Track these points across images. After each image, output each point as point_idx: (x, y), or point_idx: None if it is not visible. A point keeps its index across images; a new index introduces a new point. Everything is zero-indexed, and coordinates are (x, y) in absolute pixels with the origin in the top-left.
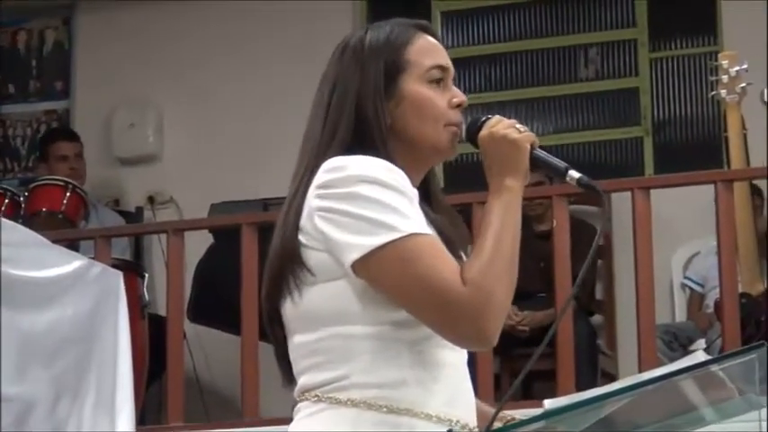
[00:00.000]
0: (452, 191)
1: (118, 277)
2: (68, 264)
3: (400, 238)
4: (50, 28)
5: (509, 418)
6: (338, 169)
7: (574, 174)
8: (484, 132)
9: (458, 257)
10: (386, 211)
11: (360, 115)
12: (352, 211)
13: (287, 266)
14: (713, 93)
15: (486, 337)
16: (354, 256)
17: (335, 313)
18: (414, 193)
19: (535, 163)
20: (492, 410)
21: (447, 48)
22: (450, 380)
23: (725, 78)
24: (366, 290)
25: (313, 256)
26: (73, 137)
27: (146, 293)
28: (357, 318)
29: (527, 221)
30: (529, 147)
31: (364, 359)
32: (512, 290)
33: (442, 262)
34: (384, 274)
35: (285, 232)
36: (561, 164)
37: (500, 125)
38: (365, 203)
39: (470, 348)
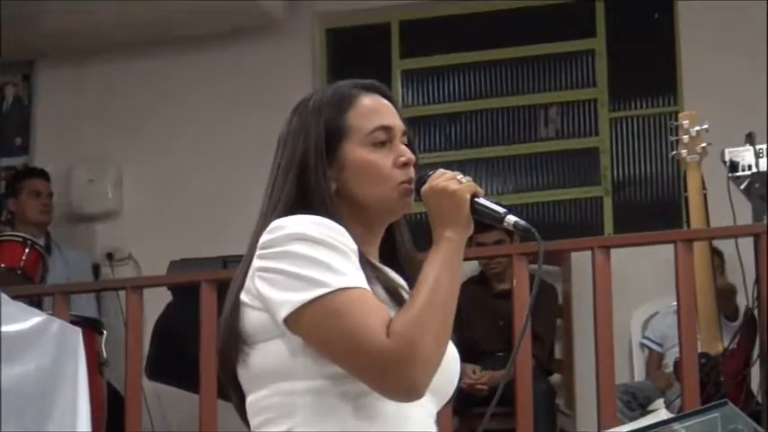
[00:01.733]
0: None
1: (77, 334)
2: (28, 320)
3: (329, 293)
4: (10, 84)
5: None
6: (276, 229)
7: (510, 218)
8: (425, 187)
9: None
10: (316, 268)
11: (303, 182)
12: (284, 269)
13: (232, 331)
14: (673, 153)
15: (412, 388)
16: (285, 312)
17: (278, 370)
18: (351, 249)
19: (475, 211)
20: None
21: (407, 106)
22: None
23: (685, 138)
24: (304, 346)
25: (255, 316)
26: (47, 177)
27: (104, 350)
28: (298, 373)
29: (487, 280)
30: (468, 197)
31: (305, 414)
32: (443, 341)
33: (369, 315)
34: (313, 328)
35: (232, 294)
36: (500, 210)
37: (441, 178)
38: (297, 261)
39: (399, 400)
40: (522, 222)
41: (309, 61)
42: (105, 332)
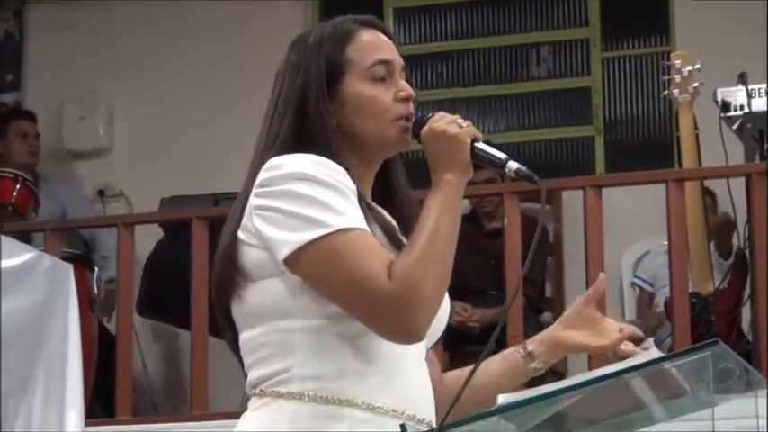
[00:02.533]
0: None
1: (68, 270)
2: (18, 256)
3: (330, 234)
4: (1, 20)
5: None
6: (275, 168)
7: (512, 165)
8: (425, 129)
9: None
10: (317, 208)
11: (303, 116)
12: (284, 208)
13: (230, 267)
14: (665, 92)
15: (413, 331)
16: (285, 252)
17: (275, 309)
18: (351, 189)
19: (476, 156)
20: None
21: (399, 45)
22: (394, 371)
23: (677, 78)
24: (303, 285)
25: (252, 254)
26: (33, 118)
27: (95, 287)
28: (296, 312)
29: (478, 219)
30: (469, 141)
31: (304, 352)
32: (444, 284)
33: (371, 257)
34: (313, 269)
35: (229, 231)
36: (501, 156)
37: (441, 121)
38: (297, 200)
39: (399, 342)
40: (525, 169)
41: (301, 3)
42: (96, 269)
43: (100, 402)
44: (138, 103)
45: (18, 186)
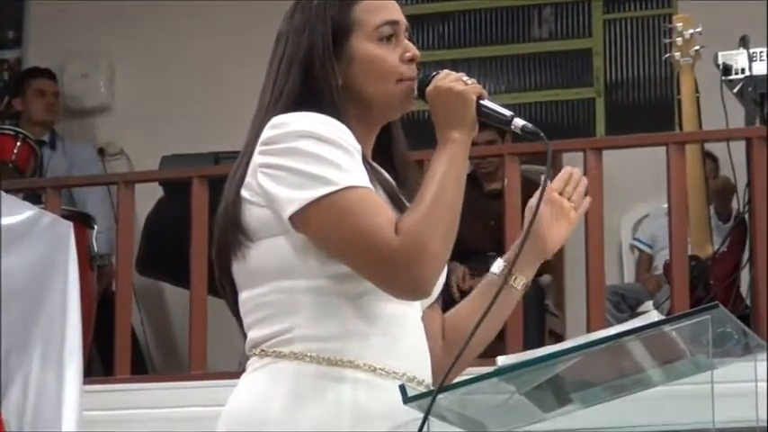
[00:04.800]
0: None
1: (68, 228)
2: (18, 214)
3: (336, 191)
4: None
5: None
6: (280, 125)
7: (518, 122)
8: (430, 87)
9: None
10: (323, 165)
11: (309, 75)
12: (290, 165)
13: (233, 225)
14: (667, 55)
15: (420, 287)
16: (291, 209)
17: (278, 268)
18: (356, 148)
19: (481, 113)
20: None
21: (400, 4)
22: (396, 333)
23: (679, 41)
24: (307, 244)
25: (256, 212)
26: (53, 76)
27: (94, 244)
28: (299, 272)
29: (477, 180)
30: (475, 98)
31: (307, 312)
32: (450, 240)
33: (377, 214)
34: (320, 227)
35: (231, 189)
36: (507, 113)
37: (446, 79)
38: (303, 158)
39: (406, 298)
40: (530, 125)
41: None
42: (96, 226)
43: (101, 361)
44: (140, 62)
45: (18, 144)
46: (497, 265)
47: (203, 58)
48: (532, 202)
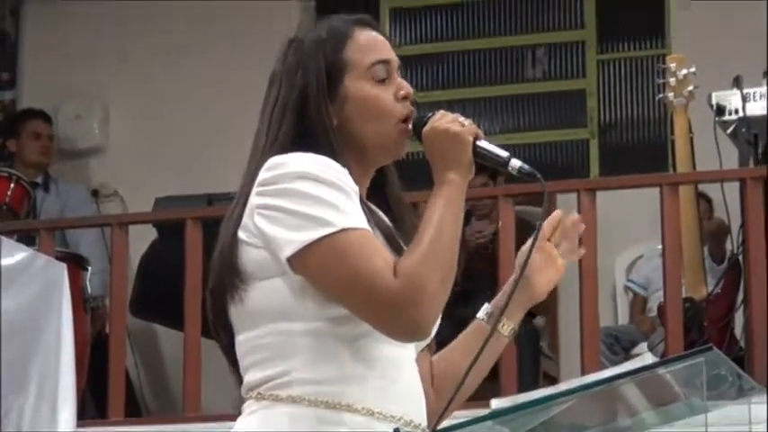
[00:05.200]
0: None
1: (62, 270)
2: (12, 255)
3: (334, 233)
4: None
5: None
6: (277, 167)
7: (515, 163)
8: (426, 128)
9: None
10: (321, 207)
11: (304, 116)
12: (287, 207)
13: (229, 266)
14: (660, 96)
15: (419, 329)
16: (289, 251)
17: (275, 310)
18: (353, 189)
19: (478, 154)
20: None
21: (395, 46)
22: (393, 376)
23: (672, 81)
24: (305, 286)
25: (253, 254)
26: (48, 119)
27: (88, 286)
28: (297, 314)
29: (472, 222)
30: (471, 139)
31: (304, 356)
32: (449, 282)
33: (375, 256)
34: (318, 268)
35: (228, 231)
36: (503, 154)
37: (443, 119)
38: (301, 199)
39: (405, 340)
40: (527, 167)
41: (296, 2)
42: (90, 268)
43: (94, 404)
44: (134, 103)
45: (12, 185)
46: (484, 310)
47: (197, 99)
48: (525, 248)
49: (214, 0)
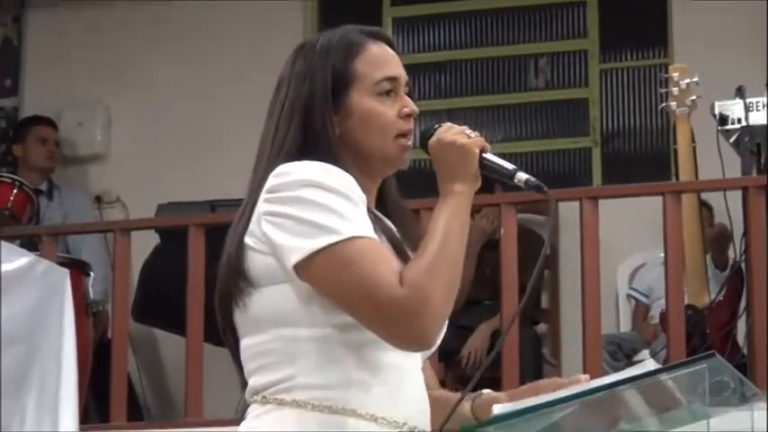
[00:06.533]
0: (402, 197)
1: (64, 275)
2: (14, 261)
3: (340, 241)
4: (0, 25)
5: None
6: (284, 174)
7: (521, 175)
8: (433, 139)
9: (407, 261)
10: (327, 215)
11: (308, 125)
12: (294, 214)
13: (235, 272)
14: (663, 105)
15: (423, 339)
16: (295, 258)
17: (281, 316)
18: (360, 197)
19: (484, 167)
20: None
21: (398, 50)
22: (397, 383)
23: (675, 90)
24: (311, 293)
25: (260, 260)
26: (53, 125)
27: (90, 292)
28: (302, 320)
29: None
30: (477, 151)
31: (309, 360)
32: (453, 293)
33: (381, 264)
34: (323, 276)
35: (235, 237)
36: (510, 166)
37: (449, 131)
38: (307, 207)
39: (408, 350)
40: (534, 179)
41: (300, 6)
42: (92, 274)
43: (96, 408)
44: (137, 110)
45: (15, 191)
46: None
47: (199, 106)
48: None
49: (217, 6)
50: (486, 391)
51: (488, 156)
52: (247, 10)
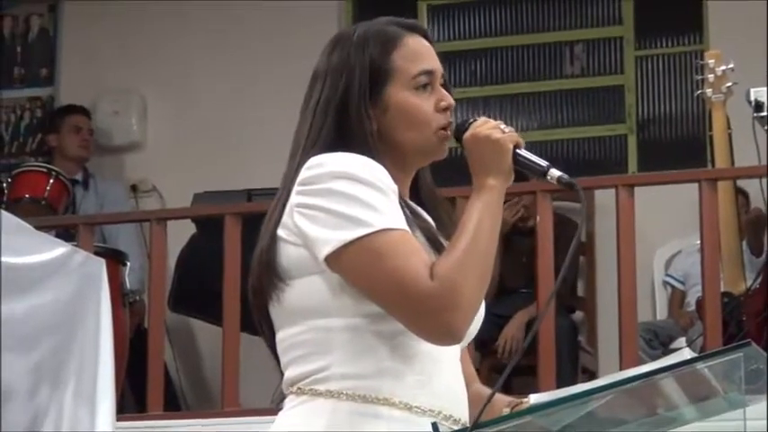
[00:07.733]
0: (437, 185)
1: (101, 265)
2: (51, 251)
3: (372, 233)
4: (36, 14)
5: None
6: (317, 166)
7: (554, 173)
8: (467, 134)
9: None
10: (359, 207)
11: (344, 118)
12: (326, 206)
13: (269, 264)
14: (698, 91)
15: (451, 333)
16: (327, 250)
17: (314, 307)
18: (393, 189)
19: (518, 162)
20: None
21: (433, 42)
22: (431, 372)
23: (711, 77)
24: (343, 283)
25: (292, 252)
26: (87, 114)
27: (127, 281)
28: (335, 311)
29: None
30: (512, 147)
31: (343, 351)
32: (484, 287)
33: (412, 257)
34: (355, 268)
35: (268, 230)
36: (543, 163)
37: (484, 126)
38: (340, 199)
39: (437, 343)
40: (566, 177)
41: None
42: (129, 263)
43: (133, 398)
44: (172, 99)
45: (51, 181)
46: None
47: (235, 94)
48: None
49: None
50: (532, 396)
51: (522, 151)
52: (283, 2)
